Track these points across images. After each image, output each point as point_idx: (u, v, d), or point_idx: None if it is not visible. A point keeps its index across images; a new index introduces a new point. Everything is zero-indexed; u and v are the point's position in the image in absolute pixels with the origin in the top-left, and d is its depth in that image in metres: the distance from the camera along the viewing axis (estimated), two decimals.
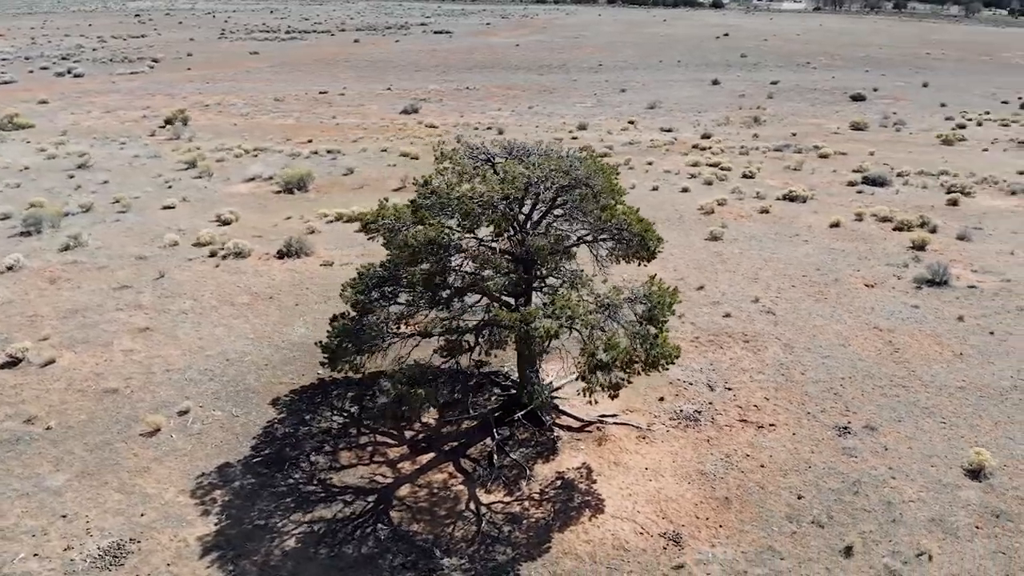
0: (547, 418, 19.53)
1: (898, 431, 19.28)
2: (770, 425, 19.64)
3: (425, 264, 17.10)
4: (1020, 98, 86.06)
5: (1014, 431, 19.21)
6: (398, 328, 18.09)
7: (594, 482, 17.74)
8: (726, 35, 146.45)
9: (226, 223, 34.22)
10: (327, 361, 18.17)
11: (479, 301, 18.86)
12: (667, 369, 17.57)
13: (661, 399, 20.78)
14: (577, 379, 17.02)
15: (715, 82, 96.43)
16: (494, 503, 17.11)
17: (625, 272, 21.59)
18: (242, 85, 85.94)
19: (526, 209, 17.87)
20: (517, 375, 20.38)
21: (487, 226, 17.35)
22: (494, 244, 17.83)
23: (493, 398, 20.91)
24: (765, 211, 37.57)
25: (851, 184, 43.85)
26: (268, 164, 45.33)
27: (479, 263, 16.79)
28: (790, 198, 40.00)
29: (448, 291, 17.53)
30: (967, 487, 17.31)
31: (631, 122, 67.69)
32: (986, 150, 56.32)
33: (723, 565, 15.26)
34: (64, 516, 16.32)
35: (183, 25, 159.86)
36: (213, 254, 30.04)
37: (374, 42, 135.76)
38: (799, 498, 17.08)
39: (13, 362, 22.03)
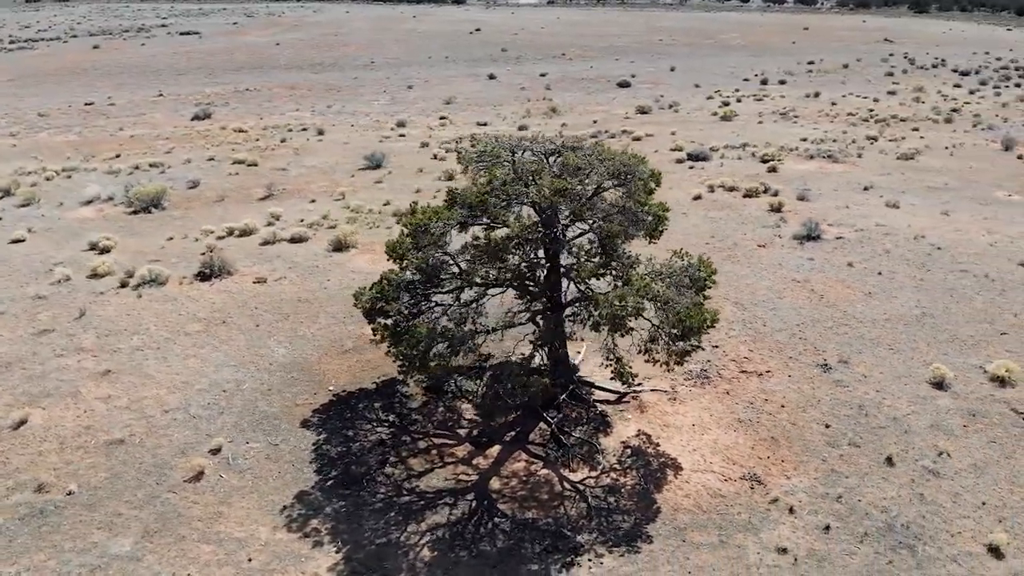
0: (588, 395, 20.69)
1: (865, 361, 22.82)
2: (767, 372, 22.33)
3: (508, 260, 17.50)
4: (757, 75, 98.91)
5: (946, 348, 23.52)
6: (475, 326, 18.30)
7: (657, 445, 19.29)
8: (478, 30, 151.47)
9: (105, 250, 30.98)
10: (414, 367, 17.92)
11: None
12: (707, 333, 19.48)
13: (666, 364, 22.67)
14: (609, 359, 18.16)
15: (491, 76, 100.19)
16: (585, 479, 18.08)
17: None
18: None
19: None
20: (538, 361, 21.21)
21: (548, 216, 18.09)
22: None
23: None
24: None
25: (679, 161, 48.63)
26: (102, 185, 41.06)
27: (571, 253, 17.56)
28: None
29: (534, 284, 18.06)
30: (939, 396, 21.10)
31: (443, 118, 68.96)
32: (761, 122, 64.66)
33: (806, 492, 17.55)
34: None
35: None
36: (124, 284, 27.29)
37: (117, 47, 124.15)
38: (827, 427, 19.86)
39: None
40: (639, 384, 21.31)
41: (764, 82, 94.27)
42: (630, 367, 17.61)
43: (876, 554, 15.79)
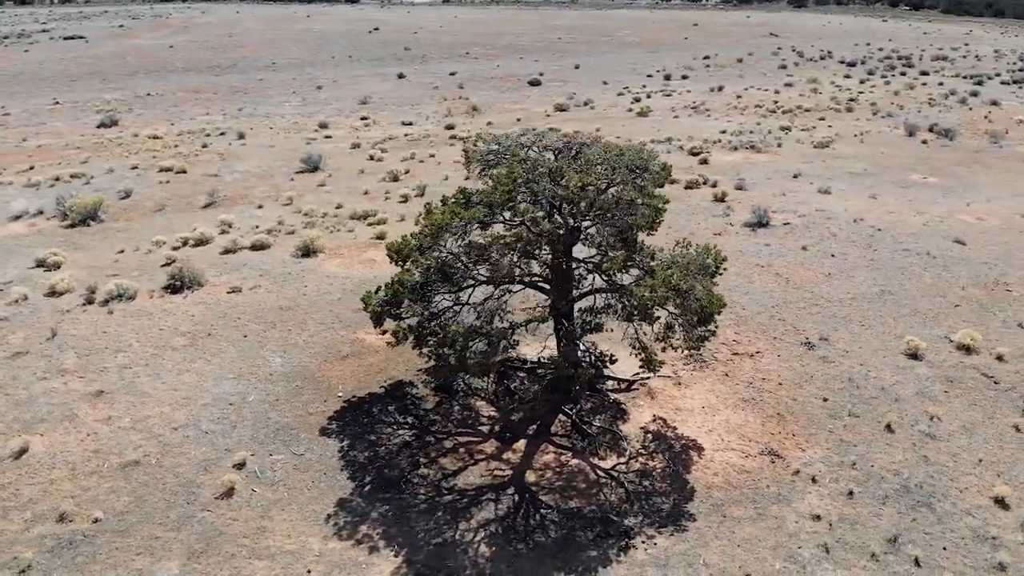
0: (600, 384, 21.24)
1: (843, 338, 24.30)
2: (757, 353, 23.47)
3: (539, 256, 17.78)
4: (658, 71, 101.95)
5: (912, 322, 25.29)
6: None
7: (675, 428, 20.04)
8: (377, 29, 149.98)
9: (55, 267, 29.35)
10: (450, 366, 17.98)
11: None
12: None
13: (664, 350, 23.47)
14: (636, 348, 18.86)
15: (400, 76, 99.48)
16: (616, 466, 18.62)
17: None
18: None
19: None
20: (542, 356, 21.60)
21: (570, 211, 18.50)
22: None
23: (527, 381, 21.91)
24: None
25: None
26: (27, 198, 38.72)
27: (595, 247, 17.99)
28: None
29: (566, 279, 18.39)
30: (917, 366, 22.73)
31: (364, 118, 68.13)
32: (677, 117, 66.92)
33: (823, 462, 18.66)
34: None
35: None
36: (89, 301, 26.00)
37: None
38: (825, 400, 21.10)
39: None
40: (655, 370, 22.01)
41: (667, 78, 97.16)
42: (692, 340, 18.21)
43: (899, 514, 16.98)
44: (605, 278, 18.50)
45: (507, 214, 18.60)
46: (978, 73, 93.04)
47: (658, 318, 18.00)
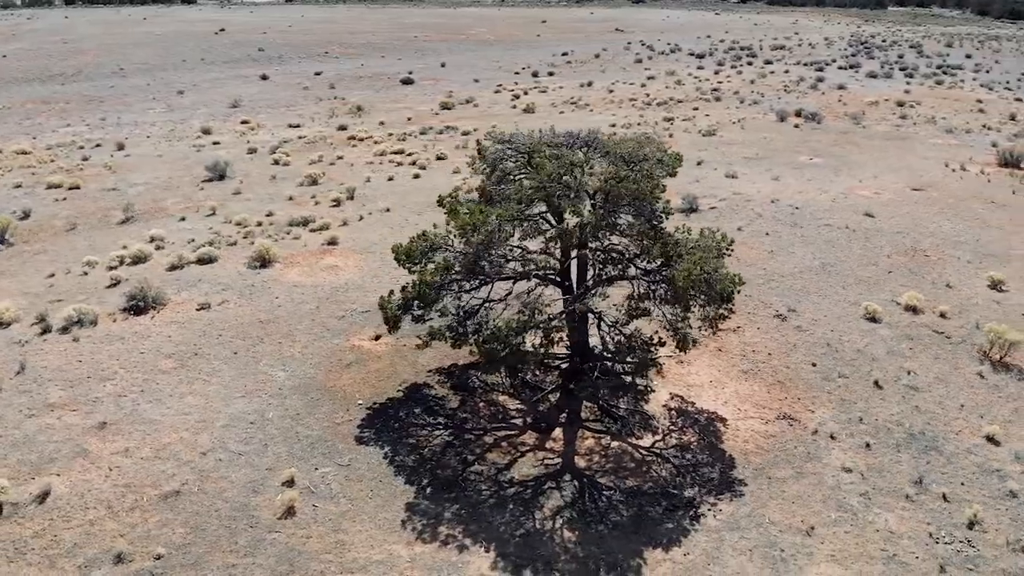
0: (617, 367, 22.08)
1: (807, 308, 26.38)
2: (738, 328, 25.07)
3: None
4: (524, 68, 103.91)
5: (860, 290, 27.79)
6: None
7: (692, 404, 21.23)
8: (223, 30, 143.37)
9: None
10: (502, 361, 18.17)
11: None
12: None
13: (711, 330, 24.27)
14: (674, 330, 19.90)
15: (264, 77, 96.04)
16: (655, 444, 19.55)
17: None
18: None
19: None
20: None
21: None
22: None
23: (539, 372, 22.42)
24: None
25: None
26: None
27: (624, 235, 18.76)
28: None
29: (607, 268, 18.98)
30: (879, 328, 25.11)
31: (245, 122, 65.46)
32: (562, 113, 68.65)
33: (834, 421, 20.40)
34: None
35: None
36: (47, 329, 24.02)
37: None
38: (814, 366, 22.97)
39: None
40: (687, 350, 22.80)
41: (535, 75, 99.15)
42: (712, 319, 19.25)
43: (914, 458, 18.91)
44: (643, 266, 19.28)
45: (539, 208, 19.04)
46: (816, 60, 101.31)
47: (696, 298, 19.00)
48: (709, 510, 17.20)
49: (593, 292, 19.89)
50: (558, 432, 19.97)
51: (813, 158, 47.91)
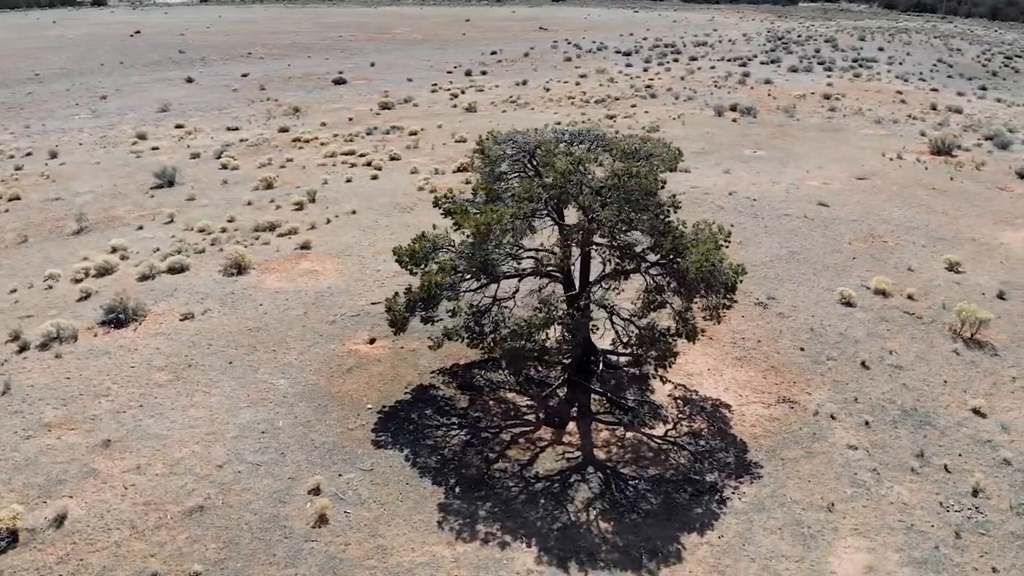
0: (617, 362, 22.49)
1: (785, 295, 27.37)
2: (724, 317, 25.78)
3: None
4: (457, 67, 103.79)
5: (829, 276, 28.97)
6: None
7: (696, 392, 21.82)
8: (139, 32, 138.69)
9: None
10: (523, 358, 18.29)
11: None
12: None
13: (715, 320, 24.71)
14: (683, 322, 20.37)
15: (190, 80, 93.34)
16: (668, 432, 20.04)
17: None
18: None
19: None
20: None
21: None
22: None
23: (541, 368, 22.63)
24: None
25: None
26: None
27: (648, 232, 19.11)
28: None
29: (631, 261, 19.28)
30: (855, 312, 26.25)
31: (180, 126, 63.47)
32: (504, 112, 68.93)
33: (831, 401, 21.30)
34: None
35: None
36: (24, 347, 22.94)
37: None
38: (802, 350, 23.89)
39: (10, 539, 15.65)
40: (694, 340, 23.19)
41: (468, 74, 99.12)
42: (714, 308, 19.78)
43: (911, 433, 19.92)
44: (658, 259, 19.69)
45: (549, 207, 19.24)
46: (737, 56, 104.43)
47: (700, 288, 19.52)
48: (733, 493, 17.75)
49: (606, 287, 20.20)
50: (572, 426, 20.24)
51: (757, 151, 49.48)
